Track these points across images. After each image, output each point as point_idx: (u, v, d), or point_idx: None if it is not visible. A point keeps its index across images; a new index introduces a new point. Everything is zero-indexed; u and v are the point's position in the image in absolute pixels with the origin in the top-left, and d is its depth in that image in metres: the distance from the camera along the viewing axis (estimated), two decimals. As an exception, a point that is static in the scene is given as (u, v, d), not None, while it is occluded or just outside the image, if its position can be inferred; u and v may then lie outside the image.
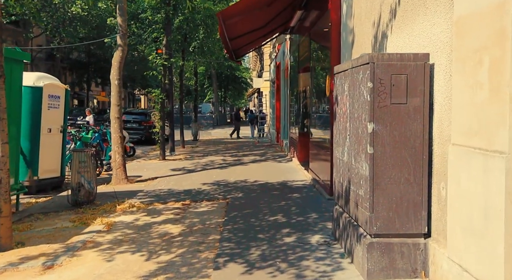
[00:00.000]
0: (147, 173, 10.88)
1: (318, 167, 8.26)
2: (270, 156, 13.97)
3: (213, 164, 12.36)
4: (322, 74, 8.04)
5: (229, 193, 7.90)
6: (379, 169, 3.54)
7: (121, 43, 9.92)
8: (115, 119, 9.73)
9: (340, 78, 4.48)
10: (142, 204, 7.13)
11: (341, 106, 4.43)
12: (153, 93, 14.28)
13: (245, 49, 11.77)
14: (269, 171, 10.54)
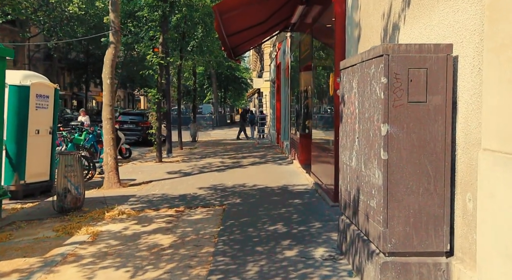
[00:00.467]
0: (142, 176, 10.42)
1: (321, 171, 7.79)
2: (270, 158, 13.50)
3: (210, 167, 11.88)
4: (325, 72, 7.58)
5: (226, 198, 7.43)
6: (394, 178, 3.07)
7: (113, 40, 9.46)
8: (107, 120, 9.26)
9: (348, 74, 4.01)
10: (133, 211, 6.66)
11: (349, 106, 3.96)
12: (150, 93, 13.82)
13: (244, 47, 11.31)
14: (269, 175, 10.06)
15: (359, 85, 3.62)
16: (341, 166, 4.32)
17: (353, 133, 3.82)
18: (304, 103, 11.00)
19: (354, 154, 3.79)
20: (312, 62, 8.76)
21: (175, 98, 19.09)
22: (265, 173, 10.38)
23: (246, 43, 10.81)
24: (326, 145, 7.48)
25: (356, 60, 3.73)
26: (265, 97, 27.71)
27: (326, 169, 7.27)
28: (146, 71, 13.89)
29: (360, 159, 3.62)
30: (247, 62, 61.74)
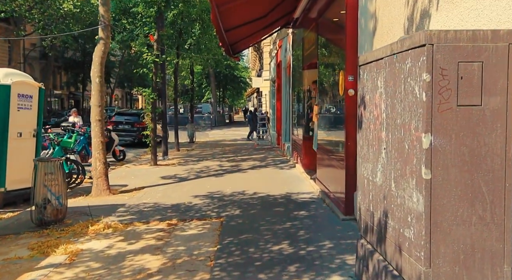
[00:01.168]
0: (134, 182, 9.72)
1: (328, 178, 7.10)
2: (271, 161, 12.81)
3: (208, 171, 11.19)
4: (333, 70, 6.89)
5: (224, 209, 6.74)
6: (440, 203, 2.39)
7: (103, 36, 8.77)
8: (96, 121, 8.55)
9: (369, 70, 3.33)
10: (120, 224, 5.96)
11: (371, 109, 3.28)
12: (144, 93, 13.13)
13: (243, 44, 10.62)
14: (270, 180, 9.38)
15: (387, 84, 2.94)
16: (360, 181, 3.64)
17: (378, 142, 3.14)
18: (307, 104, 10.31)
19: (380, 168, 3.10)
20: (318, 60, 8.07)
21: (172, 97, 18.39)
22: (266, 178, 9.69)
23: (245, 39, 10.13)
24: (334, 150, 6.80)
25: (382, 53, 3.04)
26: (265, 96, 27.00)
27: (335, 176, 6.59)
28: (141, 70, 13.17)
29: (388, 175, 2.93)
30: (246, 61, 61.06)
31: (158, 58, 12.85)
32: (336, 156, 6.59)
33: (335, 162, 6.57)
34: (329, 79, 7.23)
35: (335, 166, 6.55)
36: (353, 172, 5.68)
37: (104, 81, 8.82)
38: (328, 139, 7.52)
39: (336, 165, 6.47)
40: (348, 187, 5.75)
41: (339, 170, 6.24)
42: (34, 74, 45.27)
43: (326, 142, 7.64)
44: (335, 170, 6.55)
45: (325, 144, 7.59)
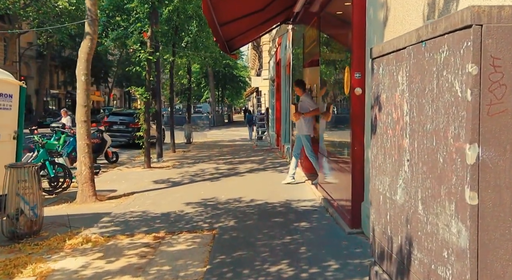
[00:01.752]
0: (124, 186, 9.14)
1: (331, 185, 6.51)
2: (270, 164, 12.22)
3: (203, 174, 10.60)
4: (337, 67, 6.29)
5: (218, 219, 6.14)
6: (490, 237, 1.80)
7: (89, 31, 8.18)
8: (82, 123, 7.95)
9: (387, 64, 2.73)
10: (101, 237, 5.36)
11: (390, 110, 2.69)
12: (137, 92, 12.54)
13: (240, 40, 10.02)
14: (269, 185, 8.78)
15: (412, 80, 2.34)
16: (374, 196, 3.05)
17: (399, 152, 2.54)
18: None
19: (401, 184, 2.51)
20: (320, 56, 7.47)
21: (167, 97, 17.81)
22: (264, 183, 9.09)
23: (242, 35, 9.53)
24: (339, 154, 6.20)
25: (404, 42, 2.45)
26: (264, 96, 26.41)
27: (339, 183, 5.99)
28: (133, 68, 12.56)
29: (414, 194, 2.34)
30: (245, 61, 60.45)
31: (152, 56, 12.26)
32: (340, 161, 5.99)
33: (339, 167, 5.97)
34: (333, 77, 6.63)
35: (339, 171, 5.95)
36: (360, 179, 5.09)
37: (90, 79, 8.23)
38: (330, 142, 6.92)
39: (341, 170, 5.87)
40: (354, 196, 5.16)
41: (343, 176, 5.65)
42: (31, 73, 44.69)
43: (328, 145, 7.04)
44: (339, 176, 5.95)
45: (328, 147, 7.00)
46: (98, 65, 49.24)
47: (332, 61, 6.82)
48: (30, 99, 43.03)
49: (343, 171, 5.69)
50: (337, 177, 6.10)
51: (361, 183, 5.10)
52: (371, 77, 3.05)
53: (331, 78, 6.71)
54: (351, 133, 5.20)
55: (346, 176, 5.46)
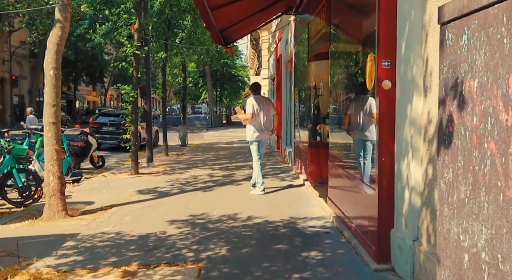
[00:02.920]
0: (104, 197, 7.97)
1: (347, 201, 5.33)
2: (270, 170, 11.03)
3: (195, 182, 9.41)
4: (355, 56, 5.11)
5: (207, 245, 4.95)
6: None
7: (60, 18, 6.99)
8: (50, 125, 6.76)
9: (482, 27, 1.55)
10: (56, 273, 4.18)
11: (488, 107, 1.50)
12: (123, 90, 11.35)
13: (235, 31, 8.83)
14: (269, 197, 7.60)
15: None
16: (448, 250, 1.85)
17: (497, 177, 1.36)
18: (314, 103, 8.55)
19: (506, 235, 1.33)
20: (330, 47, 6.28)
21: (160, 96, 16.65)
22: (264, 195, 7.91)
23: (237, 25, 8.34)
24: (357, 165, 5.02)
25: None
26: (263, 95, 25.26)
27: (358, 200, 4.81)
28: (119, 64, 11.35)
29: None
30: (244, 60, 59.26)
31: (140, 51, 11.08)
32: (360, 173, 4.81)
33: (358, 181, 4.79)
34: (348, 70, 5.45)
35: (358, 186, 4.77)
36: (389, 199, 3.91)
37: (60, 74, 7.04)
38: (345, 150, 5.74)
39: (360, 185, 4.69)
40: (381, 220, 3.98)
41: (365, 192, 4.47)
42: (23, 73, 43.42)
43: (342, 152, 5.87)
44: (359, 192, 4.77)
45: (342, 156, 5.82)
46: (94, 64, 48.14)
47: (347, 50, 5.63)
48: (23, 100, 41.88)
49: (364, 186, 4.51)
50: (356, 192, 4.92)
51: (391, 205, 3.92)
52: (441, 54, 1.86)
53: (346, 71, 5.53)
54: (377, 139, 4.02)
55: (369, 193, 4.28)
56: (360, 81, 4.68)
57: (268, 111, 7.93)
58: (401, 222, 3.75)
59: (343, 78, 5.68)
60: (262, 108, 7.83)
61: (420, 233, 3.46)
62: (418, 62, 3.45)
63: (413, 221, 3.53)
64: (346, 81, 5.55)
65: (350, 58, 5.33)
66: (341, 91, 5.90)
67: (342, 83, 5.79)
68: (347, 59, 5.51)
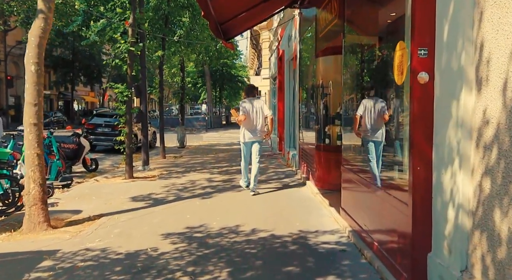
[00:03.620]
0: (94, 205, 7.28)
1: (368, 213, 4.63)
2: (274, 175, 10.33)
3: (193, 188, 8.72)
4: (380, 47, 4.41)
5: (204, 266, 4.25)
6: None
7: (43, 8, 6.28)
8: (31, 126, 6.07)
9: None
10: (24, 304, 3.50)
11: None
12: (116, 89, 10.67)
13: (236, 25, 8.14)
14: (274, 206, 6.91)
15: None
16: None
17: None
18: (322, 102, 7.86)
19: None
20: (343, 38, 5.59)
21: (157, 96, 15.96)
22: (268, 202, 7.22)
23: (238, 17, 7.66)
24: (382, 172, 4.33)
25: None
26: (264, 95, 24.53)
27: (382, 215, 4.12)
28: (112, 61, 10.66)
29: None
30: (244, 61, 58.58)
31: (134, 47, 10.39)
32: (386, 184, 4.13)
33: (383, 192, 4.09)
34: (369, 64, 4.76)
35: (384, 198, 4.08)
36: (425, 218, 3.22)
37: (43, 71, 6.34)
38: (363, 152, 5.05)
39: (385, 197, 4.00)
40: (416, 242, 3.29)
41: (393, 207, 3.77)
42: (20, 73, 42.69)
43: (359, 156, 5.18)
44: (384, 206, 4.08)
45: (359, 160, 5.13)
46: (91, 64, 47.38)
47: (366, 42, 4.94)
48: (20, 100, 41.18)
49: (391, 198, 3.82)
50: (379, 204, 4.22)
51: (427, 223, 3.24)
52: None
53: (365, 66, 4.84)
54: (410, 144, 3.33)
55: (399, 207, 3.59)
56: (385, 76, 3.99)
57: (261, 113, 7.90)
58: (442, 246, 3.06)
59: (361, 74, 4.98)
60: (255, 110, 7.84)
61: (470, 263, 2.77)
62: (468, 48, 2.76)
63: (460, 247, 2.84)
64: (365, 77, 4.86)
65: (371, 50, 4.64)
66: (357, 88, 5.21)
67: (360, 79, 5.09)
68: (367, 51, 4.82)
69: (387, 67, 3.89)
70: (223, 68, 42.62)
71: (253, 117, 7.82)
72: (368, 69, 4.68)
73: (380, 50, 4.22)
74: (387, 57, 3.89)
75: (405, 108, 3.48)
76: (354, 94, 5.36)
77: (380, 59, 4.18)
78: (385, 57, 4.00)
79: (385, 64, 3.99)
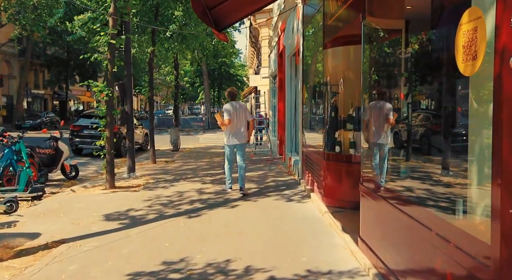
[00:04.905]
0: (58, 226, 6.06)
1: (406, 255, 3.38)
2: (273, 184, 9.09)
3: (180, 203, 7.48)
4: (431, 21, 3.14)
5: None
6: None
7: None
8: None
9: None
10: None
11: None
12: (94, 87, 9.43)
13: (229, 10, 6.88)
14: (275, 231, 5.65)
15: None
16: None
17: None
18: (331, 102, 6.61)
19: None
20: (363, 22, 4.34)
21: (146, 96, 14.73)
22: (268, 224, 5.97)
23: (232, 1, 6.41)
24: (437, 198, 3.08)
25: None
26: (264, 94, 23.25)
27: (435, 258, 2.87)
28: (90, 55, 9.37)
29: None
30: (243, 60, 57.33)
31: (116, 40, 9.15)
32: (443, 210, 2.87)
33: (440, 222, 2.84)
34: (400, 52, 3.50)
35: (436, 230, 2.83)
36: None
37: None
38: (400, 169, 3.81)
39: (443, 232, 2.74)
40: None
41: (454, 250, 2.52)
42: (12, 72, 41.42)
43: (394, 174, 3.93)
44: (438, 245, 2.82)
45: (390, 178, 3.88)
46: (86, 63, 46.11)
47: (397, 21, 3.68)
48: (12, 100, 39.86)
49: (454, 235, 2.57)
50: (427, 244, 2.97)
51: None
52: None
53: (401, 52, 3.58)
54: (495, 154, 2.08)
55: (469, 249, 2.34)
56: (435, 65, 2.74)
57: (244, 117, 8.11)
58: None
59: (394, 63, 3.73)
60: (238, 114, 8.03)
61: None
62: None
63: None
64: (400, 68, 3.60)
65: (411, 30, 3.38)
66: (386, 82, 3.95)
67: (392, 71, 3.84)
68: (399, 35, 3.56)
69: (438, 53, 2.64)
70: (221, 67, 41.42)
71: (236, 120, 7.99)
72: (409, 57, 3.43)
73: (433, 26, 2.96)
74: (439, 36, 2.64)
75: (478, 113, 2.23)
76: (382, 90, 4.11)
77: (430, 42, 2.93)
78: (433, 37, 2.76)
79: (433, 49, 2.75)
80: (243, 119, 8.07)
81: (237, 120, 7.99)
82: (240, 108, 8.10)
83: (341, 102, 6.41)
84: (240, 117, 8.01)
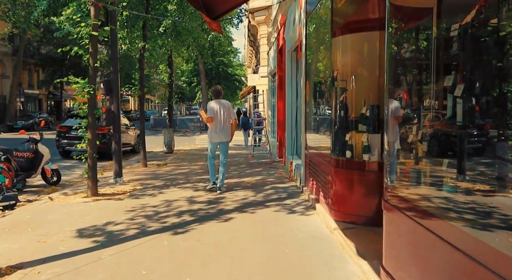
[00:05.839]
0: (20, 244, 5.17)
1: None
2: (272, 192, 8.17)
3: (166, 215, 6.55)
4: None
5: None
6: None
7: None
8: None
9: None
10: None
11: None
12: (75, 85, 8.51)
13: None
14: (276, 255, 4.73)
15: None
16: None
17: None
18: (340, 101, 5.69)
19: None
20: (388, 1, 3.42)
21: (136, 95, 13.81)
22: (267, 245, 5.04)
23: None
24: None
25: None
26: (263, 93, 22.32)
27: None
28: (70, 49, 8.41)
29: None
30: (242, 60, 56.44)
31: (98, 32, 8.22)
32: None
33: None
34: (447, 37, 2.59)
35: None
36: None
37: None
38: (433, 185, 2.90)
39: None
40: None
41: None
42: (6, 71, 40.46)
43: (433, 187, 3.01)
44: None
45: (430, 192, 2.96)
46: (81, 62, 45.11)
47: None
48: (5, 100, 38.88)
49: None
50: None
51: None
52: None
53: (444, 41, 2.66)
54: None
55: None
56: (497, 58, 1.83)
57: (227, 115, 8.18)
58: None
59: (435, 56, 2.81)
60: (221, 112, 8.12)
61: None
62: None
63: None
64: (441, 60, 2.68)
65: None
66: (423, 74, 3.04)
67: (423, 66, 2.93)
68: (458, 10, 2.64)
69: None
70: (219, 66, 40.52)
71: (220, 118, 8.09)
72: (449, 47, 2.51)
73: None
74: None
75: None
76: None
77: (482, 22, 2.02)
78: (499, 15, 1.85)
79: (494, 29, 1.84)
80: (227, 118, 8.16)
81: (221, 118, 8.09)
82: (224, 107, 8.18)
83: (352, 100, 5.49)
84: (223, 115, 8.10)
